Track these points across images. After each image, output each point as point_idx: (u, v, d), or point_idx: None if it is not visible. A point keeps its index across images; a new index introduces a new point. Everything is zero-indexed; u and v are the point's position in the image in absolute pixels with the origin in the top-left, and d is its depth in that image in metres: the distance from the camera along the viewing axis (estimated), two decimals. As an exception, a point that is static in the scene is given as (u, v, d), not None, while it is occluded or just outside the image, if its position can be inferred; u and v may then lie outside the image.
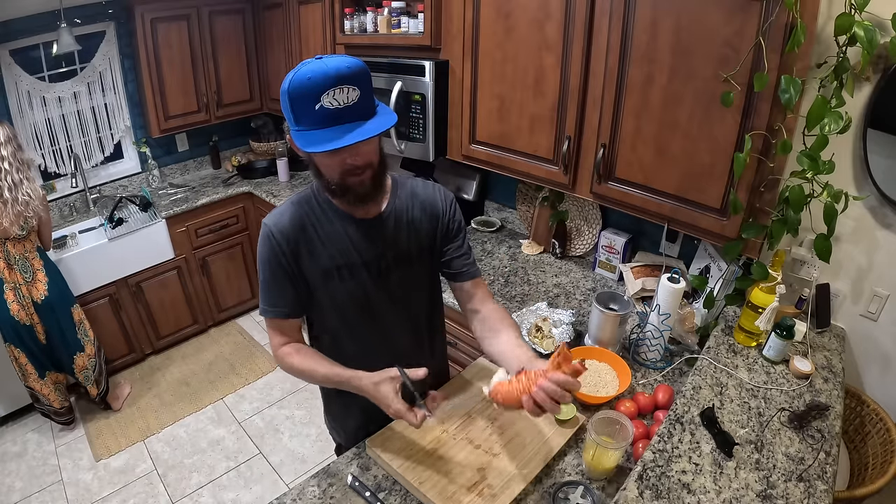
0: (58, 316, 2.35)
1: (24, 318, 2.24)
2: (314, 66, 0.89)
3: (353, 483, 1.11)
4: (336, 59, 0.90)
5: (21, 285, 2.21)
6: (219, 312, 3.36)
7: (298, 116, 0.92)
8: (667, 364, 1.49)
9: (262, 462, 2.44)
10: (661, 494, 0.94)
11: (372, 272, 1.12)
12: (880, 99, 1.27)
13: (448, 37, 1.97)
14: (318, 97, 0.88)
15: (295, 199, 1.11)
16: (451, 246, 1.21)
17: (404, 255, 1.15)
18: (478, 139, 1.98)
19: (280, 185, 3.23)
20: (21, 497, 2.26)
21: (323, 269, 1.10)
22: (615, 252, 1.95)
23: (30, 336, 2.29)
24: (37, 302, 2.26)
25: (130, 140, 3.18)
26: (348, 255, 1.10)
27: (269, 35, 3.10)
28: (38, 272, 2.27)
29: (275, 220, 1.08)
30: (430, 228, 1.17)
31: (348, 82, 0.89)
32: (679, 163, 1.43)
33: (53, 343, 2.38)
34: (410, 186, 1.18)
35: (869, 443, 1.44)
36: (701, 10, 1.26)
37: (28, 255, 2.23)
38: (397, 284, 1.16)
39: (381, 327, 1.19)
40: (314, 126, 0.91)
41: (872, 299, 1.45)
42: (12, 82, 2.63)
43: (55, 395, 2.48)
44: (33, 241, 2.26)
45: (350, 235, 1.09)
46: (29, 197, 2.15)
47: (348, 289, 1.12)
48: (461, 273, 1.22)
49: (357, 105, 0.91)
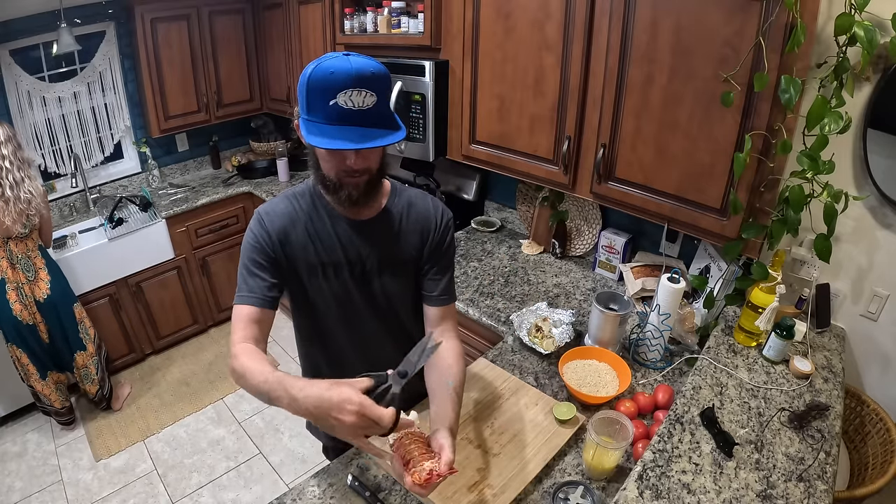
0: (60, 314, 2.35)
1: (27, 317, 2.24)
2: (340, 61, 0.89)
3: (352, 483, 1.11)
4: (362, 60, 0.90)
5: (24, 284, 2.21)
6: (219, 312, 3.36)
7: (311, 106, 0.91)
8: (667, 364, 1.49)
9: (262, 462, 2.44)
10: (661, 494, 0.94)
11: (355, 273, 1.11)
12: (880, 99, 1.27)
13: (448, 37, 1.97)
14: (335, 93, 0.87)
15: (290, 193, 1.12)
16: (432, 265, 1.16)
17: (389, 262, 1.13)
18: (478, 139, 1.98)
19: (280, 185, 3.23)
20: (21, 497, 2.26)
21: (308, 264, 1.09)
22: (615, 252, 1.95)
23: (33, 336, 2.29)
24: (39, 301, 2.26)
25: (130, 140, 3.18)
26: (334, 254, 1.09)
27: (269, 35, 3.10)
28: (41, 271, 2.27)
29: (267, 209, 1.09)
30: (419, 241, 1.14)
31: (368, 86, 0.89)
32: (679, 163, 1.43)
33: (56, 342, 2.38)
34: (408, 196, 1.16)
35: (869, 443, 1.44)
36: (701, 10, 1.26)
37: (30, 254, 2.24)
38: (380, 290, 1.14)
39: (363, 331, 1.18)
40: (323, 120, 0.90)
41: (872, 299, 1.45)
42: (12, 82, 2.63)
43: (56, 395, 2.48)
44: (35, 239, 2.26)
45: (339, 234, 1.09)
46: (31, 195, 2.15)
47: (332, 288, 1.11)
48: (434, 297, 1.16)
49: (371, 111, 0.90)
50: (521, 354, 1.56)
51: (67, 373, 2.52)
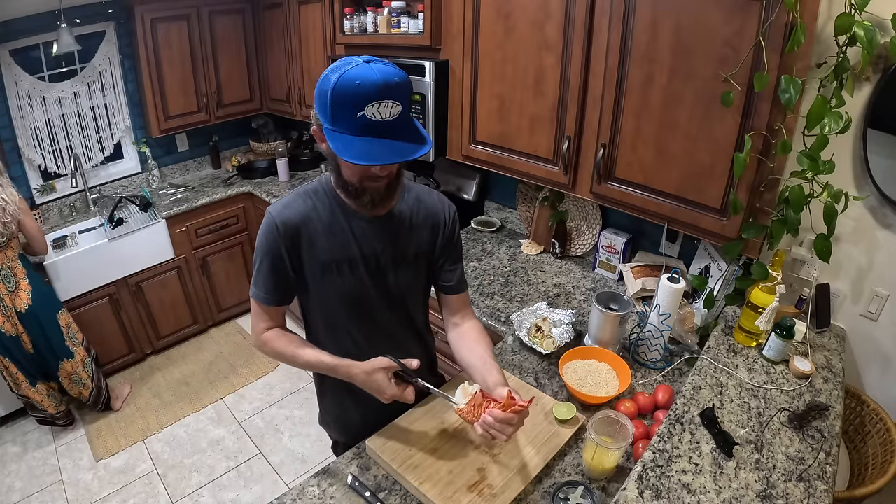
0: (42, 324, 2.29)
1: (10, 329, 2.18)
2: (363, 71, 0.88)
3: (353, 483, 1.11)
4: (385, 68, 0.90)
5: (4, 296, 2.15)
6: (219, 312, 3.36)
7: (336, 117, 0.91)
8: (667, 364, 1.49)
9: (262, 462, 2.44)
10: (661, 494, 0.94)
11: (370, 269, 1.13)
12: (880, 99, 1.27)
13: (448, 37, 1.97)
14: (363, 106, 0.87)
15: (302, 191, 1.12)
16: (446, 258, 1.23)
17: (402, 256, 1.16)
18: (478, 139, 1.98)
19: (280, 185, 3.23)
20: (21, 497, 2.26)
21: (323, 262, 1.10)
22: (615, 252, 1.95)
23: (16, 347, 2.24)
24: (20, 312, 2.20)
25: (130, 140, 3.18)
26: (349, 250, 1.11)
27: (269, 35, 3.10)
28: (21, 281, 2.21)
29: (279, 209, 1.09)
30: (430, 237, 1.19)
31: (393, 97, 0.89)
32: (679, 163, 1.43)
33: (41, 352, 2.33)
34: (416, 191, 1.20)
35: (869, 443, 1.44)
36: (701, 10, 1.26)
37: (11, 264, 2.17)
38: (394, 284, 1.17)
39: (376, 325, 1.20)
40: (351, 132, 0.90)
41: (872, 299, 1.45)
42: (12, 82, 2.63)
43: (49, 401, 2.44)
44: (15, 248, 2.20)
45: (354, 231, 1.10)
46: (4, 202, 2.10)
47: (346, 283, 1.13)
48: (451, 287, 1.25)
49: (397, 120, 0.91)
50: (521, 354, 1.56)
51: (54, 382, 2.47)
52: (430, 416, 1.24)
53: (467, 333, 1.22)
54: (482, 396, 1.03)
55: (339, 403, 1.32)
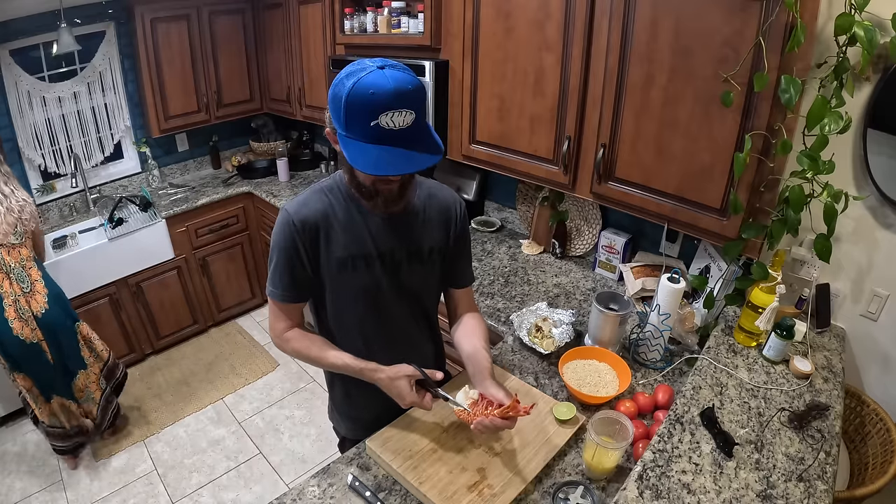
0: (58, 329, 2.19)
1: (29, 334, 2.06)
2: (377, 78, 0.88)
3: (353, 483, 1.11)
4: (399, 75, 0.90)
5: (19, 297, 2.07)
6: (219, 312, 3.36)
7: (350, 125, 0.91)
8: (667, 364, 1.49)
9: (262, 462, 2.44)
10: (661, 494, 0.94)
11: (386, 264, 1.15)
12: (880, 99, 1.27)
13: (448, 37, 1.97)
14: (376, 115, 0.88)
15: (318, 188, 1.13)
16: (456, 251, 1.25)
17: (417, 252, 1.17)
18: (478, 139, 1.98)
19: (280, 185, 3.23)
20: (21, 497, 2.26)
21: (339, 258, 1.11)
22: (615, 252, 1.95)
23: (37, 356, 2.10)
24: (37, 316, 2.09)
25: (130, 140, 3.18)
26: (365, 246, 1.12)
27: (269, 35, 3.10)
28: (37, 283, 2.14)
29: (296, 207, 1.09)
30: (443, 231, 1.21)
31: (408, 105, 0.89)
32: (679, 163, 1.43)
33: (59, 361, 2.19)
34: (427, 187, 1.21)
35: (869, 443, 1.44)
36: (701, 10, 1.26)
37: (25, 264, 2.12)
38: (408, 279, 1.19)
39: (390, 320, 1.22)
40: (365, 139, 0.91)
41: (872, 299, 1.45)
42: (12, 82, 2.63)
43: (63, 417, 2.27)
44: (29, 249, 2.15)
45: (369, 227, 1.11)
46: (24, 202, 2.11)
47: (362, 279, 1.14)
48: (459, 279, 1.29)
49: (411, 129, 0.91)
50: (521, 354, 1.56)
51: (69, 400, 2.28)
52: (430, 416, 1.24)
53: (467, 324, 1.26)
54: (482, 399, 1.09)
55: (347, 395, 1.33)
